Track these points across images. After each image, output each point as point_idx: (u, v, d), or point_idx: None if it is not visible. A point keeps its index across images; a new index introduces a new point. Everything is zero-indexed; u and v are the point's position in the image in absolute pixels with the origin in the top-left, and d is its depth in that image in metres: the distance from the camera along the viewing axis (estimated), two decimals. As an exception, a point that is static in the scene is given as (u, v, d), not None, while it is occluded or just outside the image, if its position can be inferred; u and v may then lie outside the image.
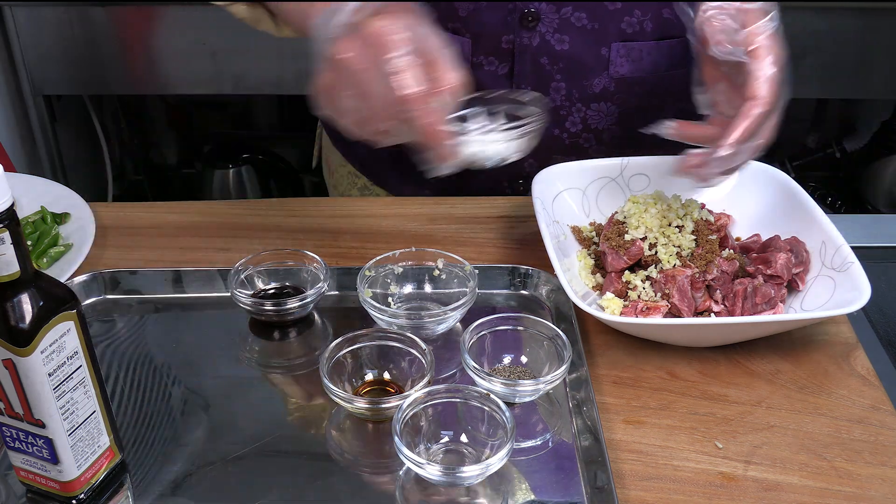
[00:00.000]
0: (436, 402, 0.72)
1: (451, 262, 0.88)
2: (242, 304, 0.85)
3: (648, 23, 0.99)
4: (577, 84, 1.01)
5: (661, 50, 1.01)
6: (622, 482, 0.71)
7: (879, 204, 2.21)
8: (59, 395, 0.63)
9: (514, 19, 0.97)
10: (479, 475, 0.68)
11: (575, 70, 1.00)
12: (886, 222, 1.09)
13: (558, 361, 0.77)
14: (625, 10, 0.97)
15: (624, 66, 1.00)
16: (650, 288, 0.85)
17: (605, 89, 1.02)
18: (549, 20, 0.97)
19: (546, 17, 0.97)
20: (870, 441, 0.75)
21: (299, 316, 0.87)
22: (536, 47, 0.99)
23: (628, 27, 0.99)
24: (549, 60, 1.00)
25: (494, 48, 0.99)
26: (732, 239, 0.93)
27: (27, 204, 1.02)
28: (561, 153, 0.98)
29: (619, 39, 0.99)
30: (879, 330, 0.91)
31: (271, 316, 0.86)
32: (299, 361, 0.84)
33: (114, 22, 1.86)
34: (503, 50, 0.99)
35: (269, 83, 1.93)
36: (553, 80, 1.01)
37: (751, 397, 0.80)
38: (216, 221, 1.02)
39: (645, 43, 1.00)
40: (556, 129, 1.04)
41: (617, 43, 0.99)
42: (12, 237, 0.58)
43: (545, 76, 1.01)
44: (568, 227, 0.96)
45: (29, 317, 0.60)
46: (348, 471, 0.73)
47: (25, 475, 0.69)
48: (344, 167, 1.21)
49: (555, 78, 1.01)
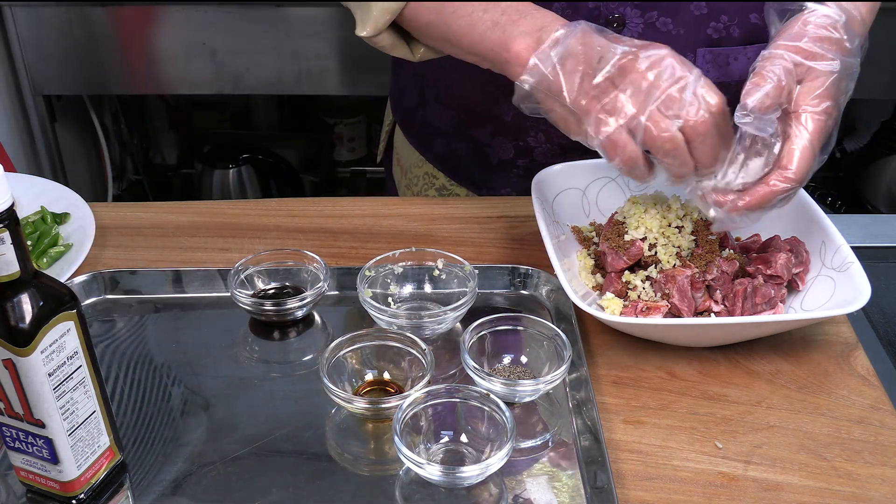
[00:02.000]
0: (436, 402, 0.72)
1: (451, 262, 0.88)
2: (242, 304, 0.85)
3: (735, 28, 0.96)
4: None
5: (748, 55, 0.98)
6: (622, 482, 0.71)
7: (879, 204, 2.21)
8: (59, 395, 0.63)
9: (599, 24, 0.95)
10: (479, 475, 0.68)
11: None
12: (886, 222, 1.09)
13: (558, 361, 0.77)
14: (711, 16, 0.94)
15: (710, 72, 0.96)
16: (650, 288, 0.85)
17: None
18: (634, 25, 0.94)
19: (631, 22, 0.94)
20: (870, 441, 0.75)
21: (299, 316, 0.87)
22: None
23: (714, 32, 0.96)
24: None
25: None
26: (732, 239, 0.93)
27: (27, 204, 1.02)
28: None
29: (705, 45, 0.96)
30: (879, 330, 0.91)
31: (271, 316, 0.86)
32: (299, 361, 0.84)
33: (114, 22, 1.86)
34: None
35: (269, 83, 1.93)
36: None
37: (751, 397, 0.80)
38: (216, 221, 1.02)
39: (732, 48, 0.97)
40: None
41: (703, 48, 0.96)
42: (12, 237, 0.58)
43: None
44: (568, 227, 0.96)
45: (29, 317, 0.60)
46: (348, 471, 0.73)
47: (25, 475, 0.69)
48: (420, 167, 1.18)
49: None
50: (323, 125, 2.50)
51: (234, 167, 2.28)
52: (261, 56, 1.88)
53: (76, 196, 1.03)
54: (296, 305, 0.85)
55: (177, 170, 2.51)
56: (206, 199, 2.28)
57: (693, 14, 0.94)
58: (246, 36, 1.86)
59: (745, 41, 0.97)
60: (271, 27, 1.85)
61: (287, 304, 0.84)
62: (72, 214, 1.00)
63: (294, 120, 2.55)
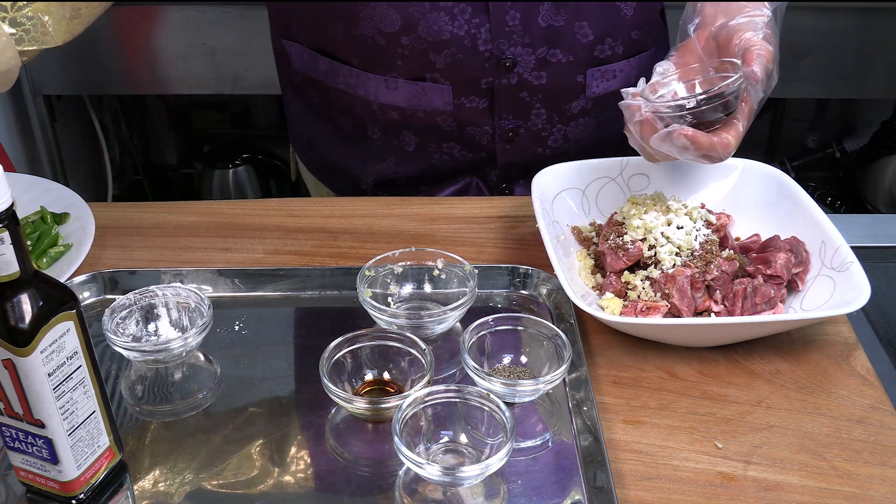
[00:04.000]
0: (436, 402, 0.72)
1: (451, 262, 0.88)
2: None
3: (619, 46, 1.02)
4: (557, 109, 1.04)
5: (631, 65, 1.05)
6: (622, 482, 0.71)
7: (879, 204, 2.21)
8: (58, 395, 0.63)
9: (491, 65, 0.99)
10: (479, 475, 0.68)
11: (553, 98, 1.03)
12: (886, 222, 1.09)
13: (558, 361, 0.77)
14: (597, 40, 1.00)
15: (599, 86, 1.04)
16: (650, 288, 0.85)
17: (584, 109, 1.05)
18: (525, 62, 0.99)
19: (522, 60, 0.99)
20: (869, 441, 0.75)
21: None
22: (515, 85, 1.01)
23: (601, 53, 1.02)
24: (527, 94, 1.02)
25: (474, 89, 1.01)
26: (732, 239, 0.93)
27: (27, 204, 1.02)
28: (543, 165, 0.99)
29: (593, 65, 1.02)
30: (879, 330, 0.91)
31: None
32: (299, 361, 0.84)
33: (114, 22, 1.86)
34: (482, 90, 1.01)
35: (269, 83, 1.93)
36: (533, 109, 1.03)
37: (750, 397, 0.80)
38: (216, 221, 1.02)
39: (618, 63, 1.03)
40: (538, 147, 1.07)
41: (592, 69, 1.02)
42: (12, 237, 0.58)
43: (525, 106, 1.03)
44: (568, 227, 0.96)
45: (28, 317, 0.60)
46: (348, 471, 0.73)
47: (25, 475, 0.69)
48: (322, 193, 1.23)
49: (534, 107, 1.03)
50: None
51: (234, 167, 2.28)
52: (261, 56, 1.88)
53: (76, 196, 1.03)
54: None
55: (177, 170, 2.51)
56: (206, 199, 2.28)
57: (581, 42, 1.00)
58: (246, 36, 1.86)
59: (628, 55, 1.04)
60: (271, 27, 1.84)
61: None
62: (72, 214, 1.00)
63: (294, 120, 2.54)
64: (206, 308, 0.81)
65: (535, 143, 1.06)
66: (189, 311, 0.83)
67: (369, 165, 1.13)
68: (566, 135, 1.06)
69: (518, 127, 1.05)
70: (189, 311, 0.83)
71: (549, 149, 1.07)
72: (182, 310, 0.83)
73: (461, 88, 1.01)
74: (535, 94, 1.02)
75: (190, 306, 0.83)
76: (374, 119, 1.06)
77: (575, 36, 0.99)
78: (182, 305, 0.83)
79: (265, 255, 0.97)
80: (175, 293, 0.83)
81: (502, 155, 1.08)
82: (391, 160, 1.11)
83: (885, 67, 1.88)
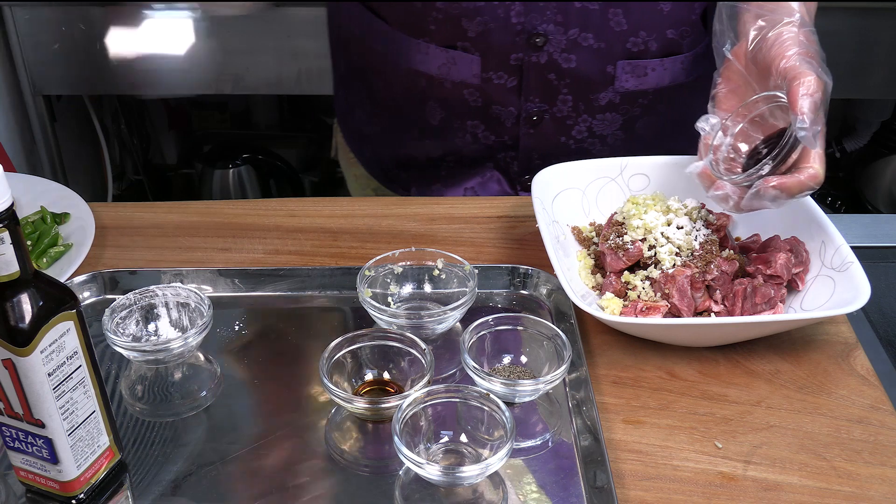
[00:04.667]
0: (435, 402, 0.72)
1: (451, 262, 0.88)
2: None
3: (653, 42, 1.01)
4: (584, 97, 1.04)
5: (664, 66, 1.03)
6: (622, 482, 0.71)
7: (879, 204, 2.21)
8: (58, 395, 0.63)
9: (521, 40, 0.99)
10: (479, 475, 0.68)
11: (581, 85, 1.03)
12: (886, 222, 1.09)
13: (558, 361, 0.77)
14: (630, 31, 0.99)
15: (629, 81, 1.03)
16: (650, 288, 0.85)
17: (611, 102, 1.05)
18: (556, 41, 0.99)
19: (554, 39, 0.99)
20: (869, 441, 0.75)
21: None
22: (544, 65, 1.01)
23: (634, 46, 1.01)
24: (556, 76, 1.01)
25: (503, 64, 1.01)
26: (732, 239, 0.93)
27: (27, 204, 1.02)
28: (566, 157, 1.00)
29: (624, 57, 1.01)
30: (879, 330, 0.91)
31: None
32: (299, 361, 0.84)
33: (114, 22, 1.86)
34: (511, 66, 1.01)
35: (269, 83, 1.93)
36: (560, 94, 1.03)
37: (750, 397, 0.80)
38: (216, 221, 1.02)
39: (650, 60, 1.02)
40: (562, 136, 1.07)
41: (623, 61, 1.01)
42: (12, 237, 0.58)
43: (552, 90, 1.03)
44: (568, 227, 0.96)
45: (28, 317, 0.60)
46: (348, 471, 0.73)
47: (25, 475, 0.69)
48: (357, 168, 1.24)
49: (561, 91, 1.03)
50: (323, 125, 2.50)
51: (234, 167, 2.28)
52: (261, 56, 1.89)
53: (76, 196, 1.03)
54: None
55: (177, 170, 2.51)
56: (206, 199, 2.28)
57: (613, 30, 0.99)
58: (246, 36, 1.86)
59: (661, 54, 1.03)
60: (271, 27, 1.85)
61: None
62: (72, 214, 1.00)
63: (294, 120, 2.55)
64: (206, 308, 0.81)
65: (559, 132, 1.06)
66: (189, 311, 0.83)
67: (395, 134, 1.14)
68: (591, 127, 1.06)
69: (543, 112, 1.04)
70: (189, 311, 0.83)
71: (574, 140, 1.07)
72: (182, 310, 0.83)
73: (490, 61, 1.01)
74: (563, 78, 1.01)
75: (190, 306, 0.83)
76: (403, 85, 1.07)
77: (608, 22, 0.98)
78: (182, 305, 0.83)
79: (265, 255, 0.97)
80: (175, 293, 0.83)
81: (525, 139, 1.07)
82: (415, 131, 1.11)
83: (885, 67, 1.88)
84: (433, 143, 1.11)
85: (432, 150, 1.12)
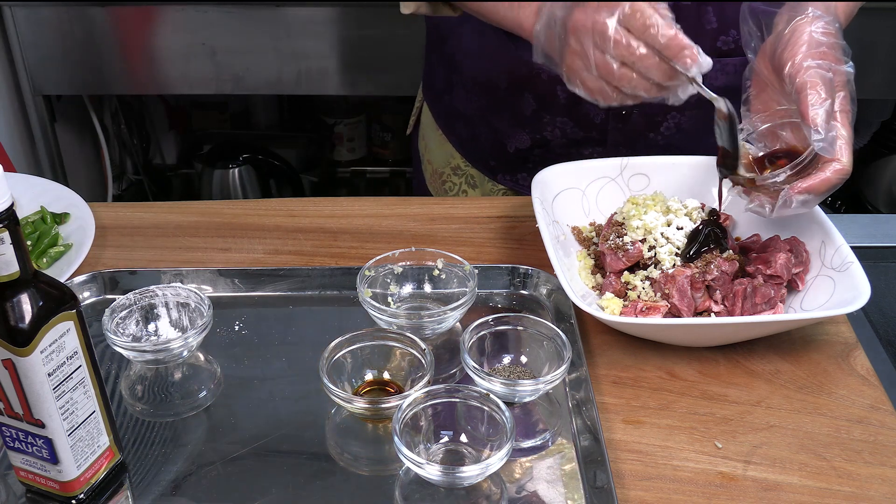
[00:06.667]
0: (435, 402, 0.72)
1: (451, 262, 0.88)
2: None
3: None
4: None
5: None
6: (622, 482, 0.71)
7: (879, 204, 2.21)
8: (58, 395, 0.63)
9: None
10: (479, 475, 0.68)
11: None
12: (886, 222, 1.09)
13: (558, 361, 0.77)
14: (721, 30, 1.00)
15: (719, 79, 1.02)
16: (650, 288, 0.85)
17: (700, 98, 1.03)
18: None
19: None
20: (869, 441, 0.75)
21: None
22: None
23: (724, 45, 1.01)
24: None
25: None
26: (732, 239, 0.93)
27: (27, 204, 1.02)
28: (653, 151, 1.01)
29: (716, 56, 1.00)
30: (879, 330, 0.91)
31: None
32: (299, 361, 0.84)
33: (114, 22, 1.86)
34: None
35: (269, 83, 1.93)
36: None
37: (750, 397, 0.80)
38: (216, 221, 1.02)
39: (740, 58, 1.01)
40: (650, 132, 1.07)
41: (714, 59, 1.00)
42: (12, 237, 0.58)
43: None
44: (568, 227, 0.96)
45: (28, 317, 0.60)
46: (348, 471, 0.73)
47: (25, 475, 0.69)
48: (442, 147, 1.24)
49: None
50: (323, 125, 2.50)
51: (234, 167, 2.28)
52: (261, 56, 1.88)
53: (76, 196, 1.03)
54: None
55: (177, 170, 2.51)
56: (206, 199, 2.28)
57: (705, 28, 1.00)
58: (246, 36, 1.86)
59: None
60: (271, 27, 1.85)
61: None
62: (72, 214, 1.00)
63: (294, 120, 2.55)
64: (206, 308, 0.81)
65: (648, 127, 1.06)
66: (189, 311, 0.83)
67: (486, 115, 1.14)
68: (679, 123, 1.06)
69: (633, 108, 1.04)
70: (189, 311, 0.83)
71: (661, 136, 1.07)
72: (182, 310, 0.83)
73: None
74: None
75: (190, 306, 0.83)
76: (506, 69, 1.07)
77: (700, 19, 0.99)
78: (182, 305, 0.83)
79: (265, 255, 0.97)
80: (175, 293, 0.83)
81: (613, 134, 1.07)
82: (506, 116, 1.11)
83: (885, 67, 1.88)
84: (522, 133, 1.11)
85: (521, 142, 1.13)
